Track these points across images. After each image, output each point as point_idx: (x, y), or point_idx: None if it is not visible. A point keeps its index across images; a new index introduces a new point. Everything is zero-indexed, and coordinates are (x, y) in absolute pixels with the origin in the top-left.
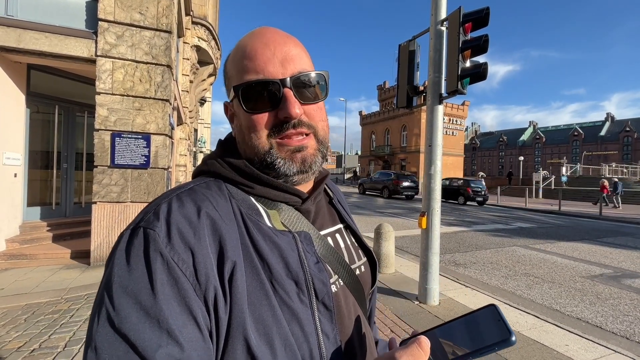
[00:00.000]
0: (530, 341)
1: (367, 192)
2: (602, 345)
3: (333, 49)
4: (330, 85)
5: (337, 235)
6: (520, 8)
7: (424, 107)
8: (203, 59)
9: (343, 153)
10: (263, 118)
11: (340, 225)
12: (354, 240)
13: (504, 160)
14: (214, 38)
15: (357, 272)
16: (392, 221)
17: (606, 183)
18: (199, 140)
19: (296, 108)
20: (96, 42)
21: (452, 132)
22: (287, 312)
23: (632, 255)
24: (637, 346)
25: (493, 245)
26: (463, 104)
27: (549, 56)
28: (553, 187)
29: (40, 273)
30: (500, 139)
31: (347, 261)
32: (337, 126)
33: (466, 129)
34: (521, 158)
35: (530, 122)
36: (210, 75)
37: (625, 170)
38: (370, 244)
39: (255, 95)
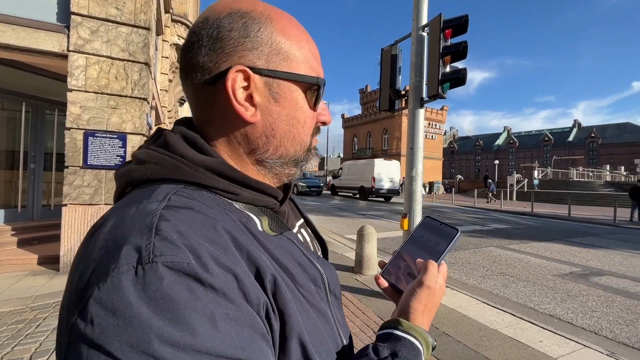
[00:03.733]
0: (507, 339)
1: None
2: (573, 341)
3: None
4: None
5: (302, 230)
6: (496, 16)
7: (404, 112)
8: None
9: (325, 155)
10: (314, 117)
11: (302, 220)
12: (310, 232)
13: (481, 164)
14: None
15: None
16: (374, 223)
17: (489, 182)
18: None
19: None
20: (68, 37)
21: (432, 136)
22: (316, 313)
23: (599, 254)
24: (605, 340)
25: (471, 246)
26: (442, 109)
27: (522, 64)
28: (526, 189)
29: (4, 280)
30: (477, 143)
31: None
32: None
33: (445, 133)
34: (496, 162)
35: (504, 127)
36: None
37: (590, 173)
38: (352, 245)
39: (321, 94)
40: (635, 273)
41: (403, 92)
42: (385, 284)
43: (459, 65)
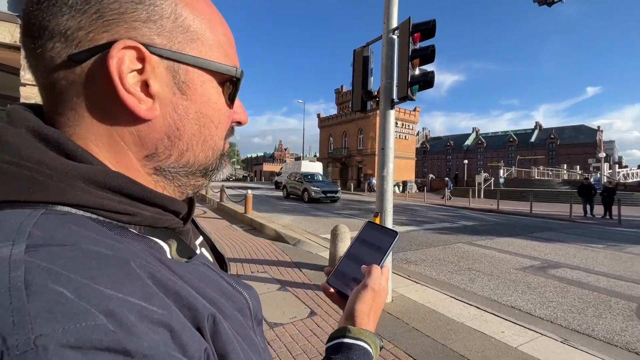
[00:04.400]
0: (472, 331)
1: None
2: (532, 330)
3: (292, 49)
4: (290, 86)
5: (204, 250)
6: (463, 21)
7: (379, 112)
8: None
9: (301, 155)
10: (230, 116)
11: (200, 238)
12: (209, 248)
13: (451, 163)
14: None
15: None
16: (348, 222)
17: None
18: None
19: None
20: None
21: (405, 137)
22: (249, 346)
23: (556, 248)
24: (559, 328)
25: (441, 243)
26: (415, 110)
27: (489, 68)
28: (493, 188)
29: None
30: (448, 144)
31: None
32: (295, 128)
33: (418, 134)
34: (465, 161)
35: (473, 128)
36: None
37: (550, 172)
38: (327, 245)
39: (238, 88)
40: (587, 264)
41: (375, 94)
42: (331, 290)
43: (428, 68)
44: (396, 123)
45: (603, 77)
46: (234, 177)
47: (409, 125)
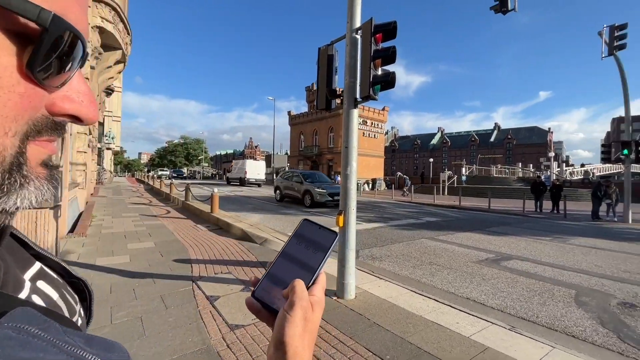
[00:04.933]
0: (429, 323)
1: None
2: (483, 319)
3: (264, 45)
4: (260, 82)
5: (41, 283)
6: (430, 25)
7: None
8: (108, 43)
9: (272, 153)
10: (37, 98)
11: (38, 264)
12: (57, 277)
13: (418, 162)
14: (122, 21)
15: (80, 322)
16: (317, 220)
17: (405, 177)
18: (105, 135)
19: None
20: None
21: (374, 135)
22: None
23: (509, 241)
24: (508, 316)
25: (405, 239)
26: (383, 109)
27: (453, 71)
28: (456, 185)
29: None
30: (415, 143)
31: (69, 316)
32: (266, 125)
33: (386, 133)
34: (431, 160)
35: (439, 128)
36: (118, 63)
37: (507, 170)
38: None
39: (61, 55)
40: (535, 256)
41: (340, 92)
42: (256, 306)
43: (390, 68)
44: (365, 122)
45: (554, 83)
46: (200, 175)
47: (377, 124)
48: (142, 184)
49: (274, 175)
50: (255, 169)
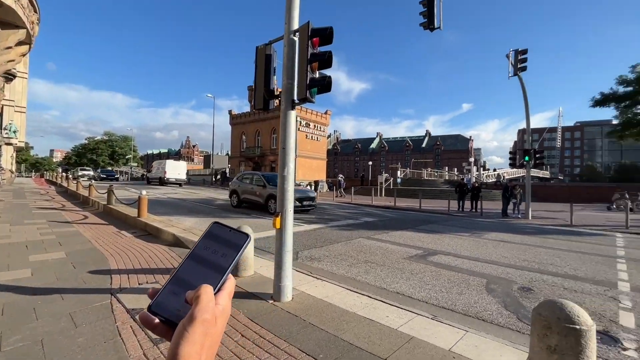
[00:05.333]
0: (362, 319)
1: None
2: (410, 311)
3: (203, 40)
4: (199, 79)
5: None
6: (370, 34)
7: (280, 111)
8: (8, 20)
9: (211, 153)
10: None
11: None
12: None
13: (359, 165)
14: None
15: None
16: (255, 222)
17: (340, 178)
18: (4, 128)
19: None
20: None
21: (317, 138)
22: None
23: (435, 238)
24: (432, 307)
25: (344, 239)
26: (326, 113)
27: (391, 80)
28: (392, 187)
29: None
30: (356, 146)
31: None
32: (205, 124)
33: (329, 136)
34: (370, 163)
35: (377, 133)
36: (21, 43)
37: (436, 174)
38: None
39: None
40: (456, 250)
41: (278, 93)
42: (153, 322)
43: (328, 72)
44: (308, 124)
45: (474, 96)
46: (128, 176)
47: (320, 127)
48: (53, 185)
49: (213, 176)
50: (176, 169)
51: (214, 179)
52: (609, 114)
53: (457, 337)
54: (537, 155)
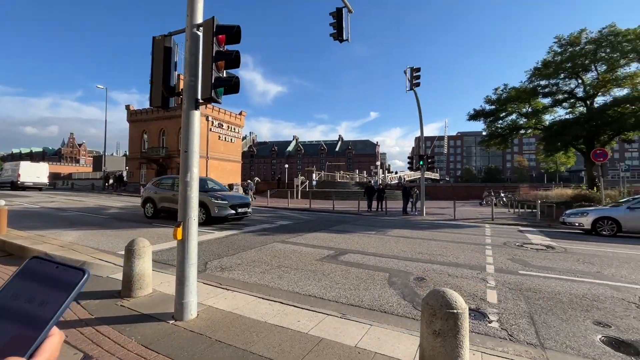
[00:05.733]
0: (273, 327)
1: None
2: (321, 313)
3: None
4: (87, 67)
5: None
6: (286, 36)
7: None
8: None
9: (103, 153)
10: None
11: None
12: None
13: (275, 167)
14: None
15: None
16: (157, 232)
17: (249, 182)
18: None
19: None
20: None
21: (231, 139)
22: None
23: (345, 237)
24: (341, 306)
25: (258, 244)
26: (240, 114)
27: (306, 85)
28: (307, 189)
29: None
30: (273, 149)
31: None
32: (97, 119)
33: (244, 138)
34: (286, 165)
35: (293, 136)
36: None
37: (347, 176)
38: (120, 262)
39: None
40: (364, 248)
41: (179, 90)
42: None
43: (237, 73)
44: (221, 125)
45: (380, 105)
46: None
47: (235, 129)
48: None
49: (106, 181)
50: (34, 172)
51: (106, 184)
52: (480, 126)
53: (363, 332)
54: (429, 160)
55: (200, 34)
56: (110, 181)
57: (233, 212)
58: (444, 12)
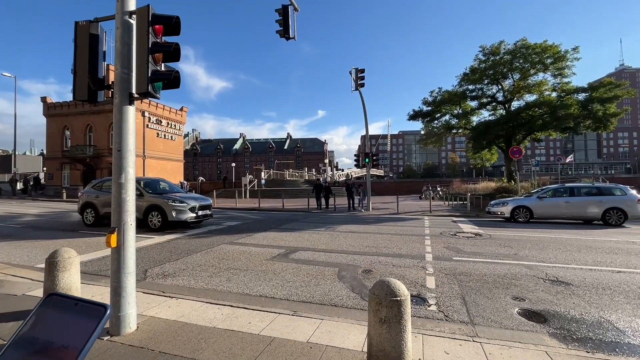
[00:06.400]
0: (222, 332)
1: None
2: (273, 312)
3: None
4: None
5: None
6: (230, 30)
7: (114, 106)
8: None
9: (14, 152)
10: None
11: None
12: None
13: (222, 166)
14: None
15: None
16: (88, 241)
17: (182, 182)
18: None
19: None
20: None
21: (172, 137)
22: None
23: (296, 235)
24: (293, 303)
25: (204, 247)
26: (182, 110)
27: (252, 82)
28: (256, 188)
29: None
30: (218, 147)
31: None
32: (2, 112)
33: (187, 135)
34: (233, 164)
35: (240, 134)
36: None
37: (297, 174)
38: (39, 277)
39: None
40: (314, 245)
41: (110, 83)
42: None
43: (175, 66)
44: (160, 121)
45: (327, 104)
46: None
47: (175, 125)
48: None
49: (15, 184)
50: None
51: (17, 187)
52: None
53: (314, 327)
54: (374, 158)
55: (134, 22)
56: (20, 185)
57: (193, 215)
58: (393, 14)
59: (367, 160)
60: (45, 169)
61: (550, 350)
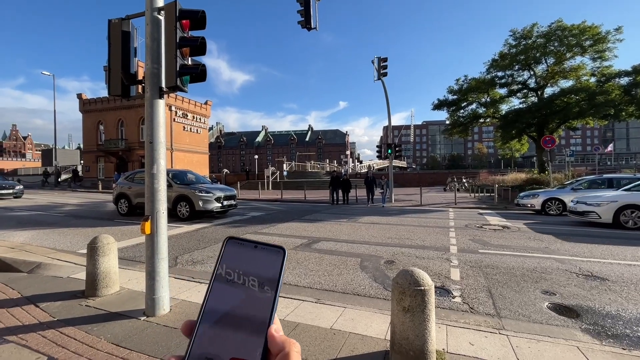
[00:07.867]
0: None
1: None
2: (297, 299)
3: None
4: (29, 50)
5: None
6: (251, 24)
7: (146, 100)
8: None
9: (54, 146)
10: None
11: None
12: None
13: (245, 158)
14: None
15: None
16: (123, 229)
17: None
18: None
19: None
20: None
21: (197, 130)
22: None
23: (319, 226)
24: (316, 291)
25: None
26: (206, 103)
27: (274, 74)
28: (278, 180)
29: None
30: (241, 140)
31: None
32: (42, 109)
33: (211, 128)
34: (256, 157)
35: (263, 126)
36: None
37: (318, 166)
38: (84, 263)
39: None
40: (337, 236)
41: (141, 77)
42: None
43: (202, 60)
44: (186, 115)
45: (349, 95)
46: None
47: (200, 119)
48: None
49: (58, 176)
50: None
51: (59, 180)
52: (444, 115)
53: (337, 315)
54: (397, 149)
55: (162, 18)
56: (63, 177)
57: (219, 205)
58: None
59: (389, 151)
60: (82, 162)
61: (582, 345)
